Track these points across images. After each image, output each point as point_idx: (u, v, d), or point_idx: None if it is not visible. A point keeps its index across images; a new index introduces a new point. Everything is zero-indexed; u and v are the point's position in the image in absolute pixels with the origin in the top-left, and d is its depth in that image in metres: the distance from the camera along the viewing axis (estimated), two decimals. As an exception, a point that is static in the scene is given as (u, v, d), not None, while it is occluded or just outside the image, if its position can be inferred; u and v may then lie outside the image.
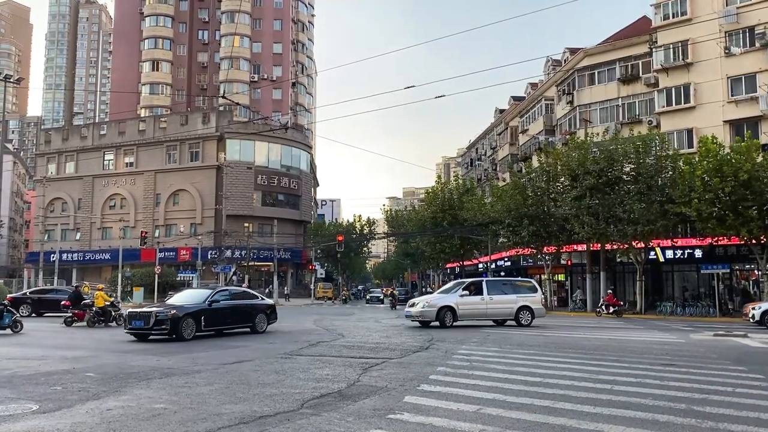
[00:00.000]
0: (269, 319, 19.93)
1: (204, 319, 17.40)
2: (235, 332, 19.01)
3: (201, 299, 18.00)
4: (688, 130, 38.47)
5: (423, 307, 21.81)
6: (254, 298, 20.23)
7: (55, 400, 8.19)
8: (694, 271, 38.41)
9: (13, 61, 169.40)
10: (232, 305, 18.84)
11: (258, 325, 19.27)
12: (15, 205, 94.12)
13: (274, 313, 20.44)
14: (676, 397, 8.56)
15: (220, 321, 18.30)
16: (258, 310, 19.56)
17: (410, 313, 22.22)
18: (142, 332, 17.02)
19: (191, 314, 17.09)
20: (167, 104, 79.78)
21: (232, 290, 20.42)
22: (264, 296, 22.91)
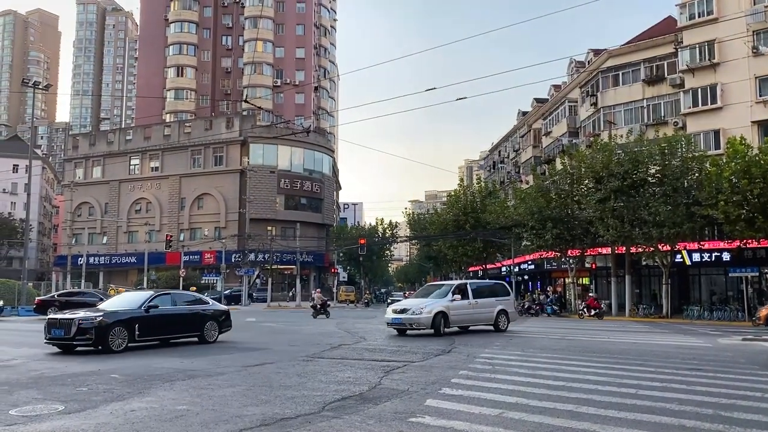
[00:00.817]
0: (221, 327, 17.57)
1: (139, 328, 15.12)
2: (182, 342, 16.90)
3: (136, 304, 15.70)
4: (715, 131, 37.87)
5: (416, 313, 19.00)
6: (203, 303, 17.83)
7: (80, 400, 8.30)
8: (722, 274, 37.74)
9: (42, 68, 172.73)
10: (175, 311, 16.41)
11: (207, 333, 16.95)
12: (44, 209, 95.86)
13: (228, 320, 18.08)
14: (702, 402, 8.41)
15: (160, 329, 15.99)
16: (207, 317, 17.15)
17: (399, 320, 19.31)
18: (63, 343, 14.64)
19: (122, 322, 14.80)
20: (192, 109, 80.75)
21: (176, 294, 17.91)
22: (216, 301, 20.24)
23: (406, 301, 21.02)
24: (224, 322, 17.83)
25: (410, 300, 21.00)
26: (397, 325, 19.54)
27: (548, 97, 60.67)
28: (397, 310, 19.74)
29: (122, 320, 14.87)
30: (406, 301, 21.13)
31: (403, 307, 19.75)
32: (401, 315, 19.31)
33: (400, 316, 19.32)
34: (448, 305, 19.57)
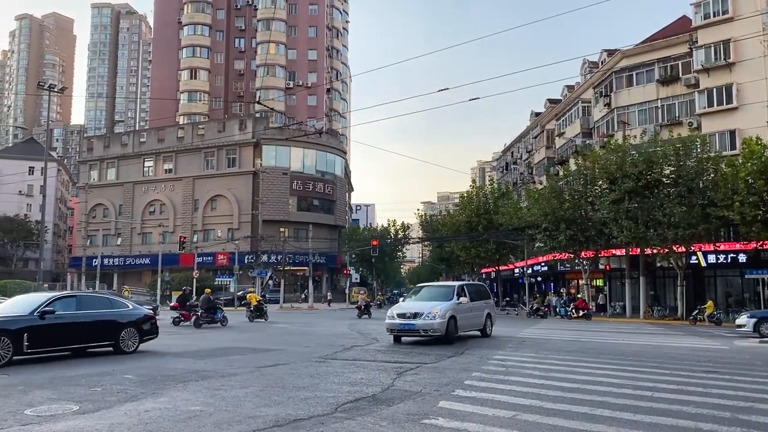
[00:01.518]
0: (144, 335, 15.12)
1: (29, 338, 12.51)
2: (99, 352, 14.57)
3: (28, 309, 13.04)
4: (731, 132, 37.53)
5: (430, 317, 16.59)
6: (120, 307, 15.14)
7: (94, 401, 8.34)
8: (738, 276, 37.36)
9: (57, 71, 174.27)
10: (80, 318, 13.76)
11: (124, 343, 14.39)
12: (59, 211, 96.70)
13: (153, 327, 15.60)
14: (719, 405, 8.31)
15: (59, 339, 13.39)
16: (123, 324, 14.58)
17: (412, 326, 16.76)
18: None
19: (6, 332, 12.18)
20: (205, 111, 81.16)
21: (84, 297, 15.34)
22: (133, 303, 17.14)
23: (414, 304, 17.75)
24: (147, 329, 15.30)
25: (415, 303, 17.94)
26: (408, 332, 16.96)
27: (561, 97, 60.41)
28: (407, 314, 16.95)
29: (6, 330, 12.21)
30: (411, 303, 17.93)
31: (416, 311, 16.90)
32: (414, 320, 16.71)
33: (414, 321, 16.69)
34: (455, 308, 17.44)
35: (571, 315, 37.00)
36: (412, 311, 17.11)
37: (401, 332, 17.21)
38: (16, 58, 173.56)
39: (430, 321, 16.63)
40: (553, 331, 24.39)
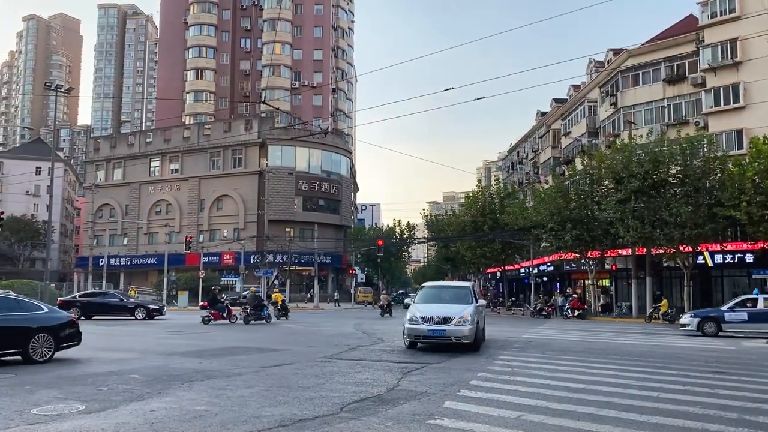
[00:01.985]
0: (61, 342, 13.07)
1: None
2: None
3: None
4: (738, 131, 37.35)
5: (462, 323, 14.54)
6: (29, 309, 13.08)
7: (100, 400, 8.37)
8: (745, 276, 37.16)
9: (64, 71, 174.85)
10: None
11: (35, 351, 12.40)
12: (66, 211, 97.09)
13: (75, 332, 13.61)
14: (726, 406, 8.27)
15: None
16: (35, 328, 12.55)
17: (443, 332, 14.55)
18: None
19: None
20: (211, 111, 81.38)
21: None
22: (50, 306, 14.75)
23: (439, 308, 15.31)
24: (66, 335, 13.25)
25: (439, 306, 15.48)
26: (436, 338, 14.63)
27: (567, 97, 60.25)
28: (435, 318, 14.65)
29: None
30: (434, 307, 15.37)
31: (445, 314, 14.68)
32: (445, 326, 14.46)
33: (444, 327, 14.43)
34: (477, 312, 15.92)
35: (566, 315, 37.39)
36: (440, 315, 14.66)
37: (428, 339, 14.70)
38: (23, 59, 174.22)
39: (461, 327, 14.37)
40: (558, 331, 24.35)
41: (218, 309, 27.62)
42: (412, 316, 15.10)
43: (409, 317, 15.17)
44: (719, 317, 22.74)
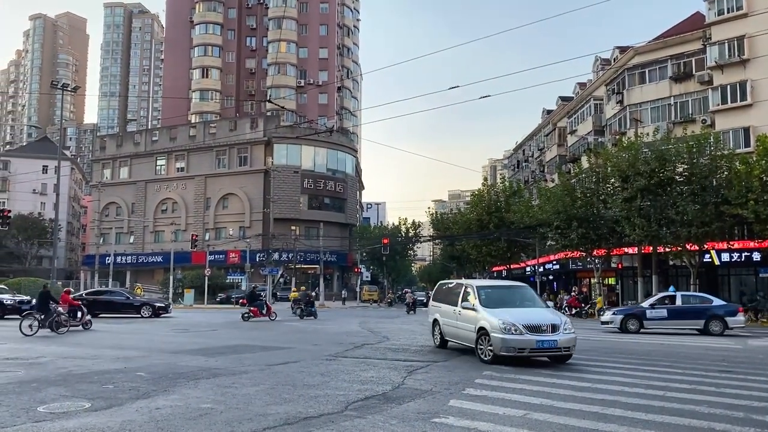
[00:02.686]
0: None
1: None
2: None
3: None
4: (745, 129, 37.16)
5: (568, 331, 12.40)
6: None
7: (106, 398, 8.40)
8: (752, 274, 37.03)
9: (70, 70, 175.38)
10: None
11: None
12: (72, 209, 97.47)
13: None
14: (733, 405, 8.24)
15: None
16: None
17: (554, 342, 12.14)
18: None
19: None
20: (216, 110, 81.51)
21: None
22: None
23: (535, 313, 12.90)
24: None
25: (527, 311, 13.01)
26: (545, 350, 12.26)
27: (573, 95, 60.08)
28: (542, 327, 12.22)
29: None
30: (529, 312, 12.90)
31: (551, 321, 12.37)
32: (555, 335, 12.16)
33: (555, 337, 12.13)
34: None
35: (564, 313, 37.41)
36: (547, 322, 12.31)
37: (536, 352, 12.22)
38: (30, 58, 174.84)
39: (569, 335, 12.32)
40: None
41: (257, 306, 28.52)
42: (504, 325, 12.07)
43: (501, 326, 12.09)
44: (641, 315, 23.14)
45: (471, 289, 13.86)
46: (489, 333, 12.38)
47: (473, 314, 13.21)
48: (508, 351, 12.06)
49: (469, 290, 13.96)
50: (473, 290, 13.74)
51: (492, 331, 12.31)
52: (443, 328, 15.07)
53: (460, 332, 13.97)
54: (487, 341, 12.49)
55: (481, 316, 12.89)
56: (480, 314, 12.94)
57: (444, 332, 15.09)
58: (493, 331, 12.29)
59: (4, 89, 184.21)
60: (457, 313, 14.10)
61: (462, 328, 13.83)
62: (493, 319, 12.44)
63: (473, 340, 13.09)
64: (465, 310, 13.63)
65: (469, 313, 13.40)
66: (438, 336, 15.48)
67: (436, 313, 15.61)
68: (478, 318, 12.95)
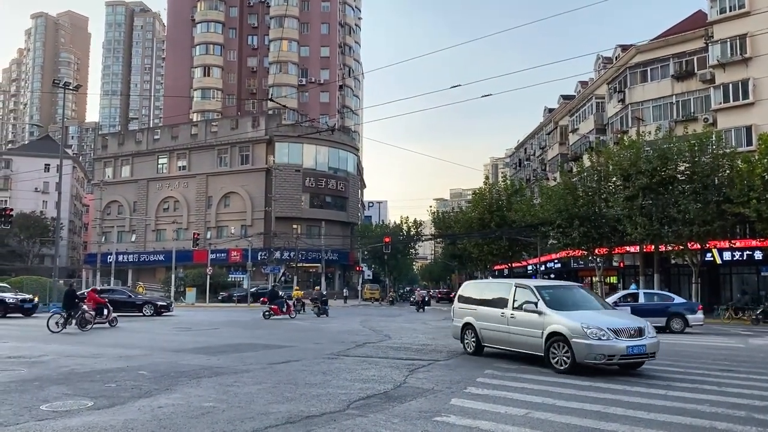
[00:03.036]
0: None
1: None
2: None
3: None
4: (747, 128, 37.12)
5: (651, 335, 11.32)
6: None
7: (109, 397, 8.41)
8: (754, 273, 37.01)
9: (72, 69, 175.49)
10: None
11: None
12: (74, 208, 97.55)
13: None
14: (735, 404, 8.24)
15: None
16: None
17: (644, 347, 10.95)
18: None
19: None
20: (218, 109, 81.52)
21: None
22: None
23: (618, 317, 11.96)
24: None
25: (612, 315, 12.04)
26: (636, 356, 10.96)
27: (575, 93, 60.03)
28: (630, 330, 11.05)
29: None
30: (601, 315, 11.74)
31: (637, 325, 11.32)
32: (643, 340, 11.01)
33: (643, 341, 10.98)
34: None
35: None
36: (632, 326, 11.25)
37: (625, 358, 10.93)
38: (32, 56, 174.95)
39: (654, 339, 11.28)
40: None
41: (278, 304, 29.18)
42: (589, 329, 10.79)
43: (585, 330, 10.80)
44: None
45: (529, 290, 12.33)
46: (569, 339, 10.93)
47: (537, 318, 11.72)
48: (595, 359, 10.78)
49: (524, 291, 12.47)
50: (533, 291, 12.23)
51: (573, 336, 10.90)
52: (482, 332, 13.37)
53: (514, 338, 12.32)
54: (561, 348, 11.11)
55: (552, 319, 11.46)
56: (550, 317, 11.52)
57: (483, 337, 13.42)
58: (574, 336, 10.89)
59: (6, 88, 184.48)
60: (507, 317, 12.47)
61: (518, 333, 12.18)
62: (573, 323, 11.08)
63: (539, 346, 11.60)
64: (523, 313, 12.06)
65: (530, 317, 11.88)
66: (472, 342, 13.74)
67: (468, 316, 13.89)
68: (547, 322, 11.50)
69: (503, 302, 12.81)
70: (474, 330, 13.65)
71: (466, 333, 14.01)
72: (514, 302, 12.48)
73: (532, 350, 11.97)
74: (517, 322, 12.23)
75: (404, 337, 18.89)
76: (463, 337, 14.14)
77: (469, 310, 13.99)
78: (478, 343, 13.59)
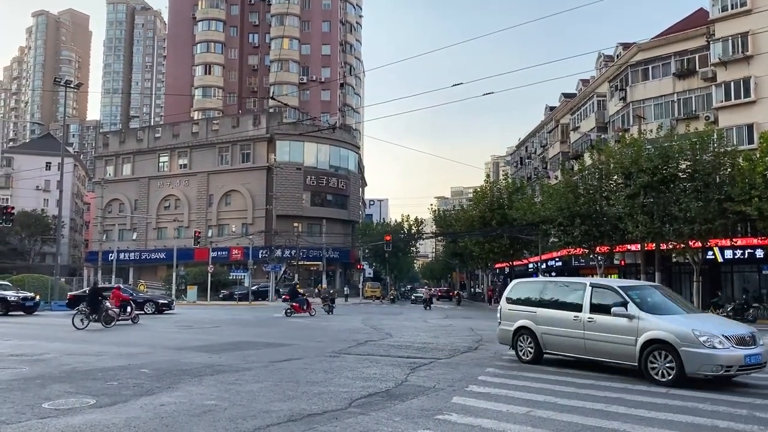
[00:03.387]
0: None
1: None
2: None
3: None
4: (748, 126, 37.07)
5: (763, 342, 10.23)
6: None
7: (111, 394, 8.42)
8: (756, 271, 36.99)
9: (73, 67, 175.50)
10: None
11: None
12: (75, 206, 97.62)
13: None
14: (736, 402, 8.24)
15: None
16: None
17: (758, 356, 9.86)
18: None
19: None
20: (219, 107, 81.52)
21: None
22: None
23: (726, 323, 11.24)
24: None
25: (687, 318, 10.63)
26: (752, 366, 9.84)
27: (576, 91, 59.97)
28: (746, 338, 9.95)
29: None
30: (718, 321, 11.22)
31: (752, 332, 10.25)
32: (759, 348, 9.93)
33: (759, 350, 9.90)
34: None
35: None
36: (746, 333, 10.15)
37: (744, 369, 9.81)
38: (33, 55, 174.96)
39: (764, 347, 10.13)
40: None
41: (299, 302, 29.84)
42: (704, 337, 9.62)
43: (698, 338, 9.63)
44: None
45: (611, 291, 11.07)
46: (676, 347, 9.72)
47: (626, 323, 10.39)
48: (712, 370, 9.50)
49: (603, 291, 11.21)
50: (618, 292, 10.92)
51: (682, 344, 9.67)
52: (545, 338, 11.87)
53: (592, 345, 10.92)
54: (663, 357, 9.91)
55: (649, 324, 10.18)
56: (646, 322, 10.23)
57: (546, 343, 11.90)
58: (684, 344, 9.66)
59: (7, 86, 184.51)
60: (582, 321, 11.09)
61: (599, 340, 10.79)
62: (681, 329, 9.88)
63: (630, 355, 10.30)
64: (606, 317, 10.71)
65: (617, 322, 10.53)
66: (529, 348, 12.22)
67: (523, 319, 12.36)
68: (642, 327, 10.21)
69: (575, 304, 11.45)
70: (532, 335, 12.13)
71: (521, 338, 12.41)
72: (592, 304, 11.13)
73: (619, 359, 10.69)
74: (597, 327, 10.84)
75: (405, 335, 18.90)
76: (516, 343, 12.49)
77: (524, 312, 12.46)
78: (537, 350, 12.06)
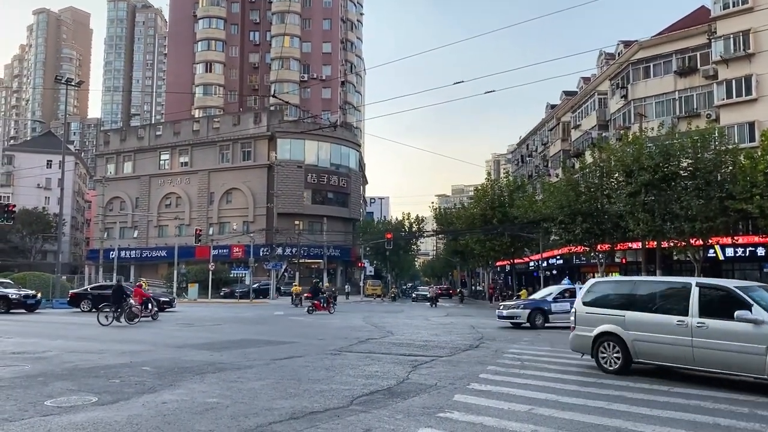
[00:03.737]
0: None
1: None
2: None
3: None
4: (750, 124, 37.04)
5: None
6: None
7: (113, 392, 8.44)
8: (757, 269, 36.98)
9: (74, 65, 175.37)
10: None
11: None
12: (76, 204, 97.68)
13: None
14: (738, 401, 8.25)
15: None
16: None
17: None
18: None
19: None
20: (220, 105, 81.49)
21: None
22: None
23: None
24: None
25: None
26: None
27: (577, 89, 59.92)
28: None
29: None
30: None
31: None
32: None
33: None
34: None
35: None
36: None
37: None
38: (34, 53, 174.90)
39: None
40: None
41: (320, 300, 30.68)
42: None
43: None
44: (547, 309, 22.80)
45: (726, 292, 9.88)
46: None
47: (752, 329, 9.16)
48: None
49: (715, 292, 10.13)
50: (738, 294, 9.64)
51: None
52: (637, 345, 10.55)
53: (703, 353, 9.69)
54: None
55: None
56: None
57: (638, 351, 10.59)
58: None
59: (8, 84, 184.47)
60: (690, 326, 9.84)
61: (713, 348, 9.57)
62: None
63: (758, 367, 9.05)
64: (723, 322, 9.53)
65: (738, 327, 9.31)
66: (614, 357, 10.88)
67: (607, 323, 11.06)
68: None
69: (678, 307, 10.22)
70: (620, 342, 10.80)
71: (604, 346, 11.07)
72: (701, 307, 9.95)
73: (741, 371, 9.48)
74: (710, 333, 9.63)
75: (407, 333, 18.92)
76: (598, 351, 11.15)
77: (608, 316, 11.13)
78: (626, 359, 10.73)
